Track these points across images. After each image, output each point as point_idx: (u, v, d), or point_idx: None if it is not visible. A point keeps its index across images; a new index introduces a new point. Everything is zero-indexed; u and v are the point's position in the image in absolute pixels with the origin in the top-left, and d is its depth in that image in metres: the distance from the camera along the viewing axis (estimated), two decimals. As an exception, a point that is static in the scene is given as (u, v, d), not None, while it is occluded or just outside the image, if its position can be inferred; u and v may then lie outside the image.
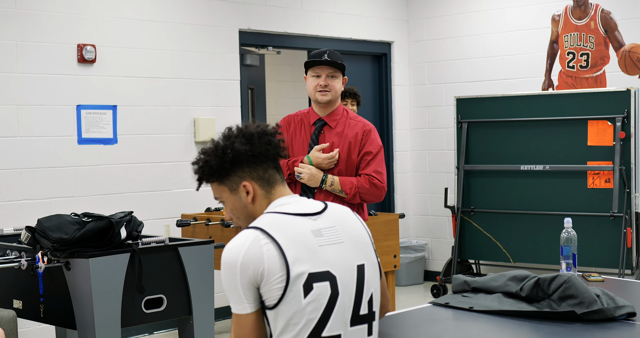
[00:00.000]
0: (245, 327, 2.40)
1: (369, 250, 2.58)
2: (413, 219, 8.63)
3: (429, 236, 8.52)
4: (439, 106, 8.32)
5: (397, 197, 8.57)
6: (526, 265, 7.29)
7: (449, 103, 8.15)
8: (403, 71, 8.56)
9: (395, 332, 2.99)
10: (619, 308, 3.10)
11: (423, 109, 8.49)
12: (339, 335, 2.44)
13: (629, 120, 6.83)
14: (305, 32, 7.64)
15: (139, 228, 4.36)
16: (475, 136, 7.58)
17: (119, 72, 6.35)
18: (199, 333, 4.47)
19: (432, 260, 8.52)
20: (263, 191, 2.56)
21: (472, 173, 7.59)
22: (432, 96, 8.43)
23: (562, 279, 3.16)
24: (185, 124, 6.75)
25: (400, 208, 8.54)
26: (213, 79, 6.92)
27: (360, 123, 4.48)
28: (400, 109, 8.54)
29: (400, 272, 8.17)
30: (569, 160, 7.12)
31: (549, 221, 7.13)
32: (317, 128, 4.45)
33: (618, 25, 7.26)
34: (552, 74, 7.63)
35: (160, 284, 4.31)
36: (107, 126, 6.28)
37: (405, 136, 8.60)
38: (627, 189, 6.82)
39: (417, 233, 8.65)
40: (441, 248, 8.43)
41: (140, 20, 6.49)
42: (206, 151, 2.59)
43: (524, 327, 3.06)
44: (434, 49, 8.42)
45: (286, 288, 2.36)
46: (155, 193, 6.56)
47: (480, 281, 3.47)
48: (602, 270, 6.77)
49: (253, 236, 2.40)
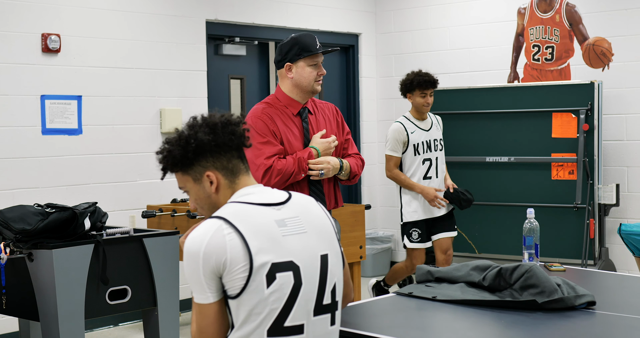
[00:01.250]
0: (208, 316, 2.40)
1: (333, 239, 2.59)
2: (380, 210, 8.66)
3: (395, 228, 8.54)
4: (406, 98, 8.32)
5: (363, 188, 8.59)
6: (491, 255, 7.34)
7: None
8: (370, 62, 8.58)
9: (358, 322, 3.01)
10: (579, 297, 3.14)
11: (390, 101, 8.51)
12: (301, 324, 2.44)
13: (592, 112, 6.89)
14: (272, 23, 7.63)
15: (103, 219, 4.34)
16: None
17: (84, 62, 6.31)
18: (163, 324, 4.46)
19: (399, 251, 8.55)
20: (227, 181, 2.56)
21: (438, 165, 7.62)
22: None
23: (523, 269, 3.19)
24: (151, 114, 6.72)
25: (366, 199, 8.56)
26: (179, 69, 6.89)
27: (328, 104, 4.45)
28: (367, 101, 8.56)
29: (366, 263, 8.20)
30: (534, 152, 7.18)
31: (513, 213, 7.18)
32: (304, 117, 4.29)
33: (582, 18, 7.32)
34: (517, 67, 7.68)
35: (125, 275, 4.30)
36: (72, 117, 6.23)
37: (372, 128, 8.62)
38: (590, 181, 6.89)
39: (384, 224, 8.68)
40: (407, 240, 8.46)
41: (106, 9, 6.44)
42: (170, 140, 2.58)
43: (486, 316, 3.09)
44: (401, 41, 8.44)
45: (249, 277, 2.36)
46: (120, 184, 6.53)
47: (443, 271, 3.50)
48: (566, 260, 6.84)
49: (216, 226, 2.40)
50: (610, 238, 7.09)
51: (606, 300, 3.30)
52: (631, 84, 7.03)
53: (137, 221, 6.52)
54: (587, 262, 6.82)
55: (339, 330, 2.60)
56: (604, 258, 6.93)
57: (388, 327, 3.01)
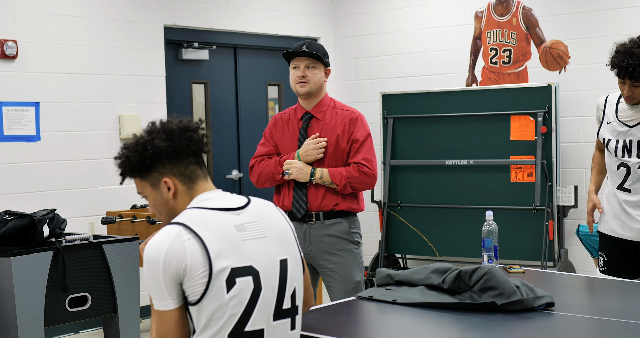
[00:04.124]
0: (168, 323, 2.40)
1: (292, 244, 2.60)
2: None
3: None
4: (365, 102, 8.36)
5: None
6: (452, 258, 7.38)
7: (375, 99, 8.21)
8: (329, 67, 8.58)
9: (318, 326, 3.01)
10: (538, 298, 3.17)
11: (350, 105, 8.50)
12: (262, 329, 2.45)
13: (550, 115, 6.96)
14: (231, 28, 7.61)
15: (62, 225, 4.32)
16: (401, 131, 7.65)
17: (41, 68, 6.26)
18: (124, 331, 4.45)
19: (360, 254, 8.56)
20: (184, 187, 2.56)
21: (398, 168, 7.66)
22: (359, 92, 8.48)
23: (482, 271, 3.22)
24: (110, 120, 6.68)
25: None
26: (138, 75, 6.86)
27: (347, 112, 4.49)
28: (327, 105, 8.56)
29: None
30: (493, 155, 7.23)
31: (473, 215, 7.23)
32: (305, 121, 4.42)
33: (539, 21, 7.39)
34: (475, 70, 7.74)
35: (85, 282, 4.27)
36: (29, 123, 6.18)
37: (332, 132, 8.63)
38: (549, 183, 6.95)
39: (345, 228, 8.68)
40: (368, 243, 8.48)
41: (63, 15, 6.40)
42: (128, 146, 2.57)
43: (446, 319, 3.11)
44: (359, 46, 8.47)
45: (209, 283, 2.36)
46: (79, 191, 6.48)
47: (403, 274, 3.52)
48: (526, 262, 6.89)
49: (175, 232, 2.40)
50: (570, 239, 7.16)
51: (564, 301, 3.33)
52: (588, 87, 7.11)
53: (96, 228, 6.47)
54: (546, 264, 6.89)
55: (299, 335, 2.61)
56: (563, 260, 7.00)
57: (349, 331, 3.02)
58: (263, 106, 8.07)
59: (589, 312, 3.21)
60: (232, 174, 7.72)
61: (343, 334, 2.90)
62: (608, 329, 2.96)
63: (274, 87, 8.20)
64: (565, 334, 2.92)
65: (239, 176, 7.75)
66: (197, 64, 7.49)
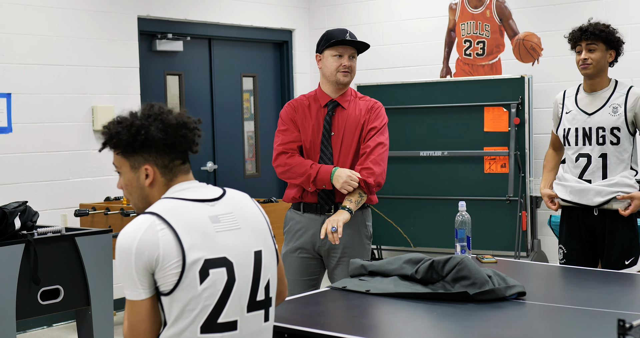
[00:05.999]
0: (140, 313, 2.39)
1: (267, 236, 2.60)
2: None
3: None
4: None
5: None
6: (426, 249, 7.41)
7: (349, 90, 8.20)
8: (304, 58, 8.59)
9: (292, 317, 3.02)
10: (510, 288, 3.19)
11: (324, 97, 8.52)
12: (235, 321, 2.45)
13: (523, 106, 7.00)
14: (205, 19, 7.59)
15: (34, 218, 4.29)
16: (376, 123, 7.65)
17: (13, 59, 6.21)
18: (97, 324, 4.43)
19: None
20: (164, 178, 2.54)
21: (373, 160, 7.66)
22: (333, 83, 8.47)
23: (455, 261, 3.23)
24: (83, 112, 6.64)
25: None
26: (111, 66, 6.82)
27: (368, 101, 4.38)
28: (301, 97, 8.56)
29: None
30: (467, 146, 7.26)
31: (447, 206, 7.25)
32: (330, 109, 4.28)
33: (512, 14, 7.42)
34: (449, 62, 7.76)
35: (57, 275, 4.25)
36: (1, 115, 6.13)
37: (306, 124, 8.63)
38: (522, 174, 7.00)
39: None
40: (343, 235, 8.50)
41: (36, 6, 6.34)
42: (122, 121, 2.55)
43: (419, 309, 3.12)
44: (334, 37, 8.45)
45: (182, 274, 2.36)
46: (52, 183, 6.44)
47: (376, 265, 3.53)
48: (500, 252, 6.94)
49: (149, 222, 2.39)
50: (542, 230, 7.21)
51: (536, 291, 3.36)
52: (560, 79, 7.15)
53: (69, 220, 6.44)
54: (519, 254, 6.93)
55: (272, 326, 2.61)
56: (536, 250, 7.05)
57: (322, 322, 3.03)
58: (238, 98, 8.06)
59: (560, 301, 3.23)
60: (207, 166, 7.70)
61: (316, 325, 2.90)
62: (579, 318, 2.99)
63: (249, 79, 8.18)
64: (536, 323, 2.94)
65: (214, 168, 7.74)
66: (172, 56, 7.46)
